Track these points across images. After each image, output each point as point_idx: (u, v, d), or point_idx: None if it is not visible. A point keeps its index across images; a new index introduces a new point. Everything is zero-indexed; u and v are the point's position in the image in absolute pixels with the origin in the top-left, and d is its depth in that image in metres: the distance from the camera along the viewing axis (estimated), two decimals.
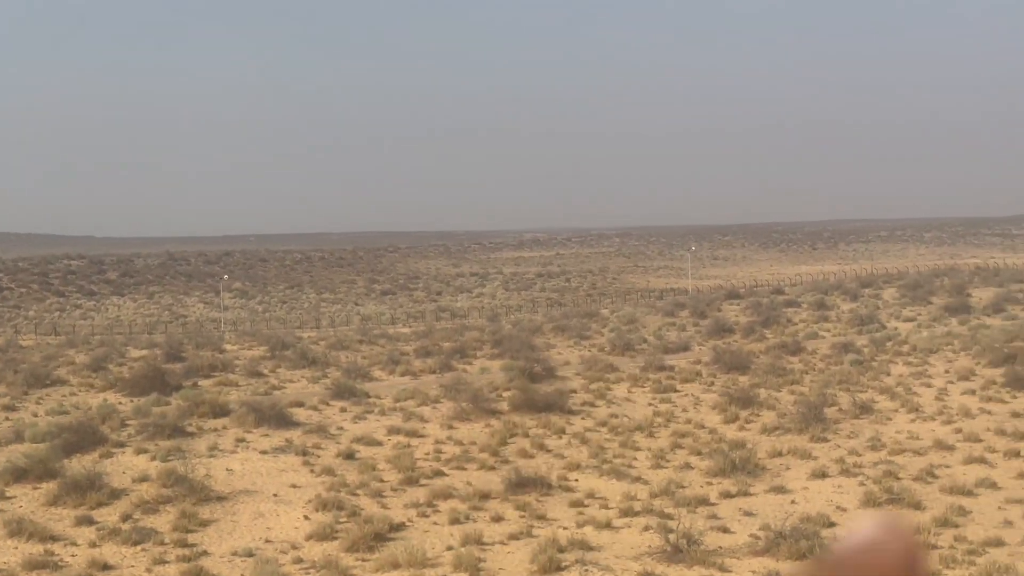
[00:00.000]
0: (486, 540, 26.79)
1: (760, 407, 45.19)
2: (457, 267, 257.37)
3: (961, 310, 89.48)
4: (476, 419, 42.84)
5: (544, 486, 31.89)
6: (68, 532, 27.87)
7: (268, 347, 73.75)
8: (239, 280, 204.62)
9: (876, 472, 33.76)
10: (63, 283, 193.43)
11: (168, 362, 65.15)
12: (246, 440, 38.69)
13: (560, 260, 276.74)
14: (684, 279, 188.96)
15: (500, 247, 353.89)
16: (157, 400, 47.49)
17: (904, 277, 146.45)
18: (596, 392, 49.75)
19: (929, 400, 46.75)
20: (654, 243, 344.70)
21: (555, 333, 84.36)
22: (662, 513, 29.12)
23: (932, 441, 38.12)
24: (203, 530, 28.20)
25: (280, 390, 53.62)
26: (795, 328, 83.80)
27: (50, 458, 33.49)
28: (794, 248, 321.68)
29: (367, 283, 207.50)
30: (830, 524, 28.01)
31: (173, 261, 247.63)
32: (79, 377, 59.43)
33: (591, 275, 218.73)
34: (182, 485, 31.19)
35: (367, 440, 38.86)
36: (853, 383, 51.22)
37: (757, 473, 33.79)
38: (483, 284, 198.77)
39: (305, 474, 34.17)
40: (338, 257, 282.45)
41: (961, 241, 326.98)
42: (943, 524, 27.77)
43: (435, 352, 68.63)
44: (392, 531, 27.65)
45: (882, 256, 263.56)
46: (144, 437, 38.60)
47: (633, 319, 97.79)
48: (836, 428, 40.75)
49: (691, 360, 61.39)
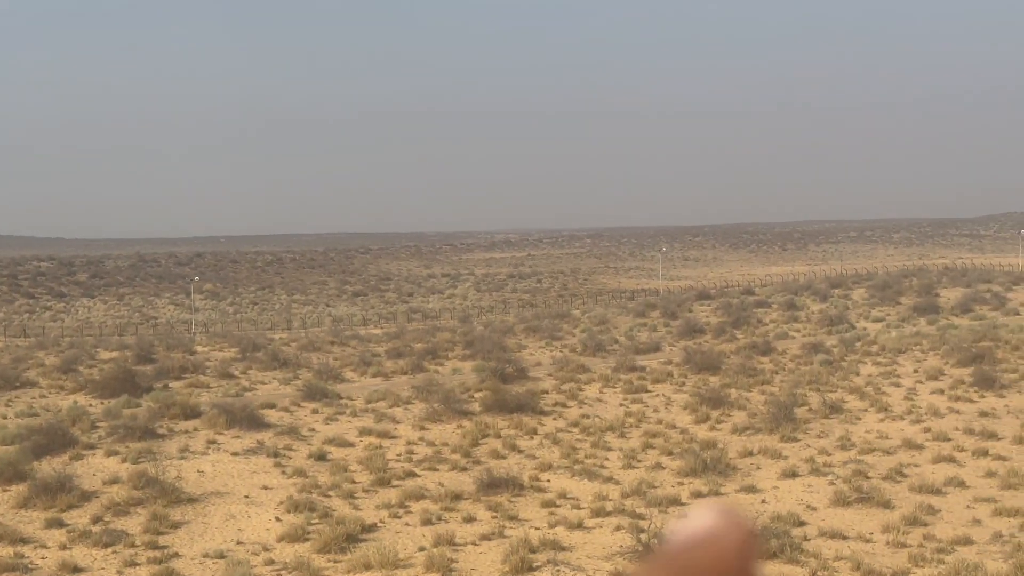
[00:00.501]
0: (458, 541, 26.83)
1: (731, 407, 45.40)
2: (428, 268, 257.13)
3: (930, 310, 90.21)
4: (448, 420, 42.86)
5: (516, 487, 31.95)
6: (38, 534, 27.73)
7: (239, 349, 73.52)
8: (210, 281, 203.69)
9: (846, 471, 33.99)
10: (32, 284, 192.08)
11: (139, 364, 64.82)
12: (217, 442, 38.58)
13: (532, 261, 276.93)
14: (655, 280, 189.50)
15: (472, 248, 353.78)
16: (128, 402, 47.27)
17: (873, 278, 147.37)
18: (568, 393, 49.83)
19: (898, 400, 47.09)
20: (625, 244, 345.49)
21: (527, 334, 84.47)
22: (634, 513, 29.24)
23: (901, 440, 38.43)
24: (174, 532, 28.11)
25: (251, 392, 53.45)
26: (765, 328, 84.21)
27: (20, 460, 33.30)
28: (764, 249, 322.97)
29: (338, 284, 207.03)
30: (800, 523, 28.20)
31: (143, 263, 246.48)
32: (49, 379, 59.06)
33: (563, 276, 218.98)
34: (153, 487, 31.08)
35: (339, 441, 38.81)
36: (823, 383, 51.54)
37: (728, 473, 33.97)
38: (455, 285, 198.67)
39: (277, 475, 34.10)
40: (309, 258, 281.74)
41: (929, 242, 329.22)
42: (912, 523, 28.00)
43: (407, 353, 68.58)
44: (364, 532, 27.65)
45: (851, 257, 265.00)
46: (115, 439, 38.43)
47: (604, 320, 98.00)
48: (806, 428, 41.00)
49: (662, 361, 61.59)
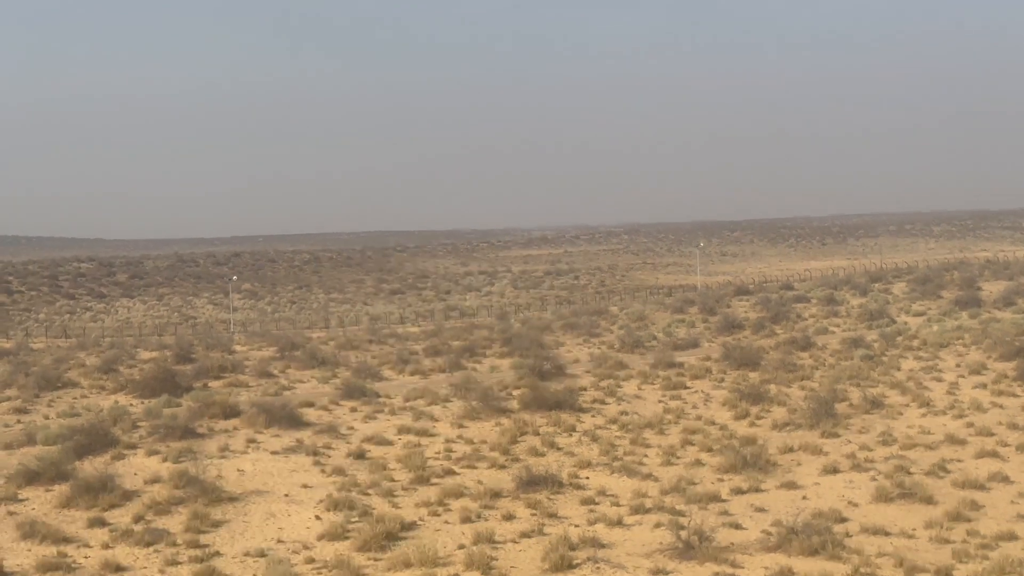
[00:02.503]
0: (498, 539, 26.79)
1: (770, 403, 45.12)
2: (466, 266, 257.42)
3: (971, 304, 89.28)
4: (486, 418, 42.84)
5: (555, 484, 31.86)
6: (81, 534, 27.93)
7: (278, 348, 73.90)
8: (248, 281, 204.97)
9: (888, 467, 33.68)
10: (73, 286, 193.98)
11: (178, 363, 65.30)
12: (257, 441, 38.75)
13: (569, 258, 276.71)
14: (693, 276, 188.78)
15: (509, 245, 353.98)
16: (168, 402, 47.57)
17: (914, 271, 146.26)
18: (606, 389, 49.72)
19: (940, 394, 46.65)
20: (663, 240, 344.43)
21: (564, 331, 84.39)
22: (673, 510, 29.09)
23: (944, 435, 38.04)
24: (215, 531, 28.24)
25: (290, 390, 53.67)
26: (805, 324, 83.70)
27: (62, 460, 33.56)
28: (803, 243, 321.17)
29: (376, 283, 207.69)
30: (842, 519, 27.95)
31: (182, 263, 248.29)
32: (90, 379, 59.58)
33: (600, 272, 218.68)
34: (194, 486, 31.24)
35: (377, 440, 38.88)
36: (864, 378, 51.15)
37: (768, 469, 33.74)
38: (492, 282, 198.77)
39: (316, 474, 34.20)
40: (347, 257, 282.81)
41: (971, 235, 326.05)
42: (956, 519, 27.70)
43: (444, 351, 68.68)
44: (404, 530, 27.65)
45: (891, 251, 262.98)
46: (155, 439, 38.67)
47: (642, 316, 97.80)
48: (847, 423, 40.68)
49: (701, 357, 61.33)
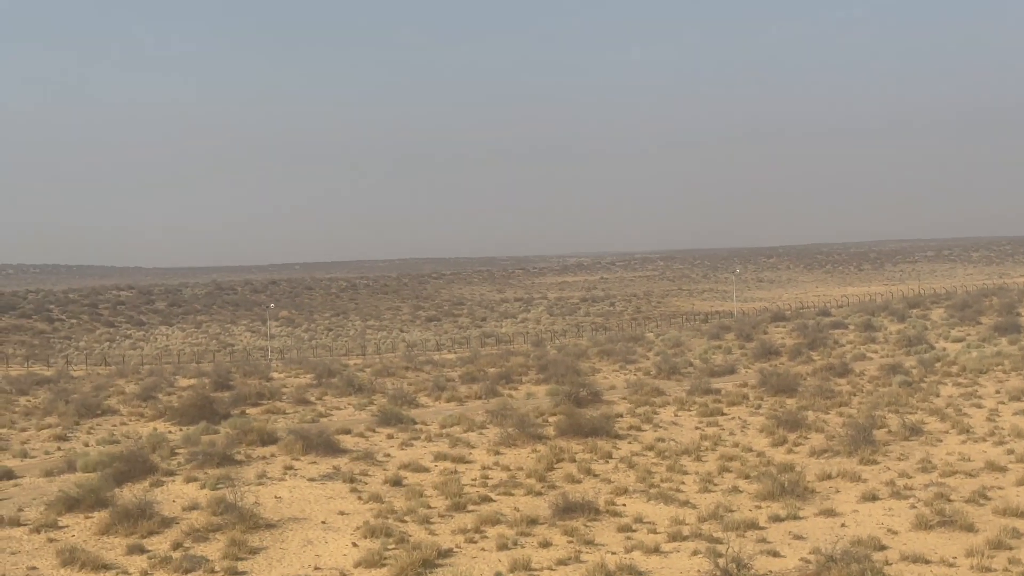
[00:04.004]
0: (534, 566, 26.75)
1: (808, 430, 44.86)
2: (501, 292, 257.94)
3: (1011, 330, 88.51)
4: (522, 444, 42.84)
5: (592, 511, 31.81)
6: (120, 561, 28.11)
7: (315, 375, 74.29)
8: (285, 308, 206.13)
9: (927, 494, 33.39)
10: (112, 313, 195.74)
11: (216, 391, 65.76)
12: (294, 467, 38.92)
13: (604, 284, 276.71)
14: (729, 302, 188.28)
15: (544, 272, 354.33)
16: (206, 429, 47.90)
17: (952, 297, 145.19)
18: (642, 416, 49.61)
19: (980, 421, 46.23)
20: (698, 266, 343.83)
21: (600, 357, 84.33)
22: (711, 537, 28.95)
23: (984, 462, 37.67)
24: (253, 558, 28.35)
25: (327, 417, 53.89)
26: (842, 350, 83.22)
27: (101, 487, 33.82)
28: (840, 269, 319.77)
29: (412, 310, 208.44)
30: (881, 547, 27.73)
31: (220, 290, 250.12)
32: (129, 407, 60.09)
33: (635, 299, 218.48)
34: (231, 513, 31.39)
35: (414, 466, 38.95)
36: (902, 405, 50.78)
37: (806, 496, 33.53)
38: (527, 309, 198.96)
39: (353, 501, 34.29)
40: (383, 284, 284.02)
41: (1010, 260, 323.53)
42: (997, 547, 27.40)
43: (480, 378, 68.79)
44: (440, 557, 27.66)
45: (929, 276, 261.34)
46: (193, 465, 38.92)
47: (679, 342, 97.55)
48: (886, 450, 40.37)
49: (738, 383, 61.10)
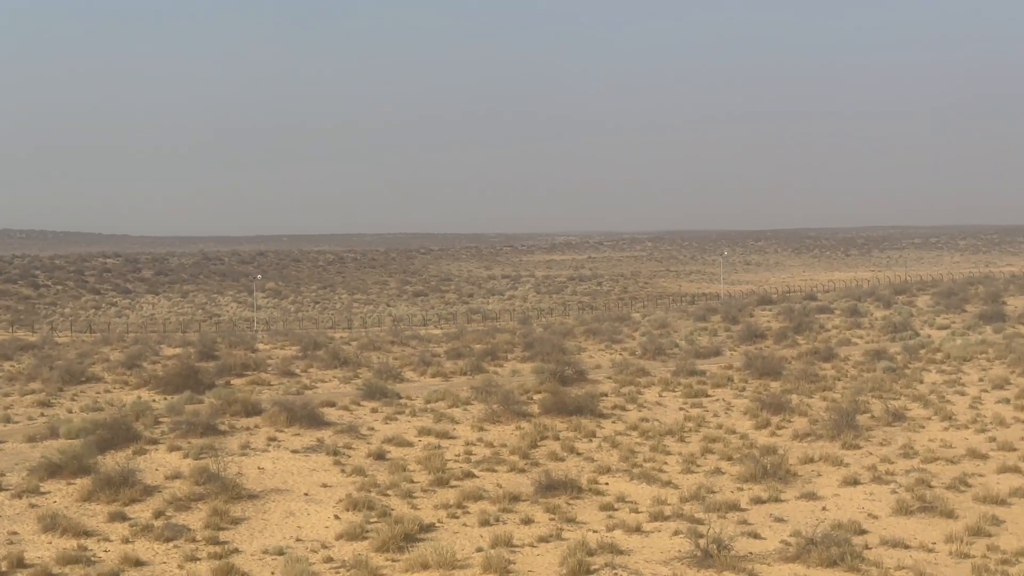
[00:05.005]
0: (516, 542, 26.81)
1: (792, 413, 44.98)
2: (489, 269, 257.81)
3: (996, 318, 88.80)
4: (507, 421, 42.88)
5: (574, 489, 31.87)
6: (101, 528, 28.10)
7: (300, 347, 74.19)
8: (272, 280, 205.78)
9: (908, 480, 33.54)
10: (99, 281, 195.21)
11: (201, 360, 65.62)
12: (278, 439, 38.90)
13: (592, 263, 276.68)
14: (716, 284, 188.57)
15: (532, 250, 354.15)
16: (190, 398, 47.78)
17: (938, 284, 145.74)
18: (627, 396, 49.67)
19: (963, 408, 46.41)
20: (686, 247, 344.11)
21: (586, 336, 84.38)
22: (692, 518, 29.05)
23: (965, 450, 37.84)
24: (234, 528, 28.35)
25: (312, 390, 53.86)
26: (828, 334, 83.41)
27: (84, 454, 33.73)
28: (827, 254, 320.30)
29: (399, 284, 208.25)
30: (861, 531, 27.85)
31: (207, 260, 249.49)
32: (113, 374, 59.95)
33: (623, 279, 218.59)
34: (214, 483, 31.37)
35: (398, 441, 38.97)
36: (886, 390, 50.93)
37: (788, 479, 33.64)
38: (515, 287, 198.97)
39: (336, 474, 34.30)
40: (370, 258, 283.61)
41: (996, 249, 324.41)
42: (976, 533, 27.56)
43: (466, 354, 68.75)
44: (422, 532, 27.71)
45: (916, 263, 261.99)
46: (177, 435, 38.85)
47: (665, 323, 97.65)
48: (868, 435, 40.52)
49: (723, 365, 61.20)
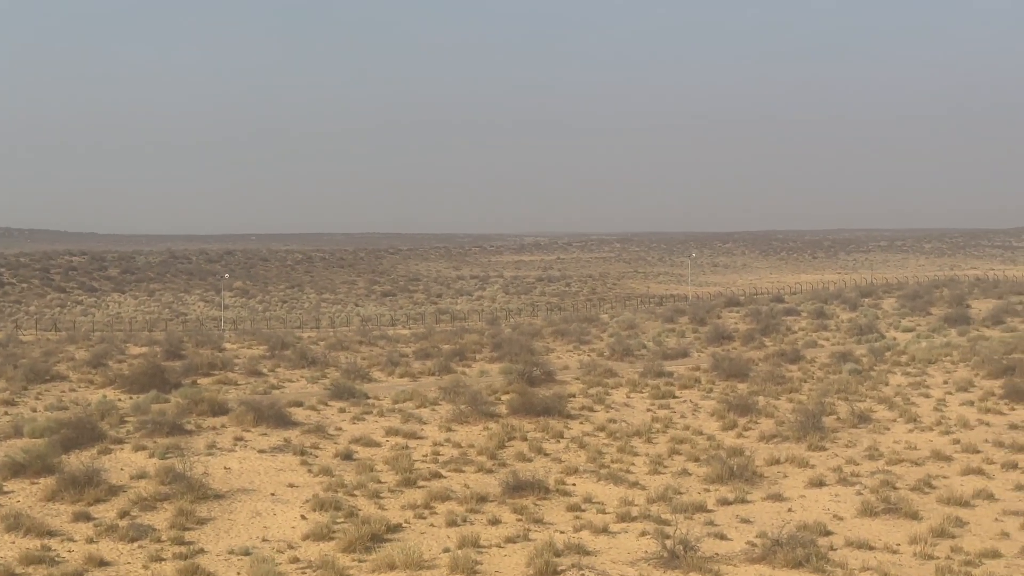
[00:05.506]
0: (483, 543, 26.80)
1: (758, 415, 45.21)
2: (458, 270, 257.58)
3: (960, 321, 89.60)
4: (474, 422, 42.87)
5: (542, 490, 31.89)
6: (65, 528, 27.89)
7: (268, 346, 73.87)
8: (240, 279, 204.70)
9: (873, 481, 33.77)
10: (64, 279, 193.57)
11: (168, 360, 65.24)
12: (244, 439, 38.74)
13: (561, 264, 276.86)
14: (684, 285, 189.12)
15: (501, 250, 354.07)
16: (156, 397, 47.51)
17: (904, 287, 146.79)
18: (595, 397, 49.77)
19: (927, 411, 46.78)
20: (655, 249, 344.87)
21: (555, 337, 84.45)
22: (659, 519, 29.13)
23: (930, 452, 38.16)
24: (200, 528, 28.21)
25: (279, 389, 53.65)
26: (794, 336, 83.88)
27: (48, 453, 33.49)
28: (794, 257, 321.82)
29: (367, 284, 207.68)
30: (827, 533, 28.01)
31: (174, 259, 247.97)
32: (79, 373, 59.47)
33: (591, 280, 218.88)
34: (180, 483, 31.20)
35: (365, 441, 38.89)
36: (851, 392, 51.26)
37: (755, 480, 33.81)
38: (483, 287, 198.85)
39: (303, 474, 34.19)
40: (339, 258, 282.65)
41: (961, 252, 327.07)
42: (940, 535, 27.77)
43: (434, 354, 68.70)
44: (389, 532, 27.65)
45: (882, 266, 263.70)
46: (143, 434, 38.63)
47: (633, 324, 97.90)
48: (834, 437, 40.78)
49: (690, 367, 61.43)
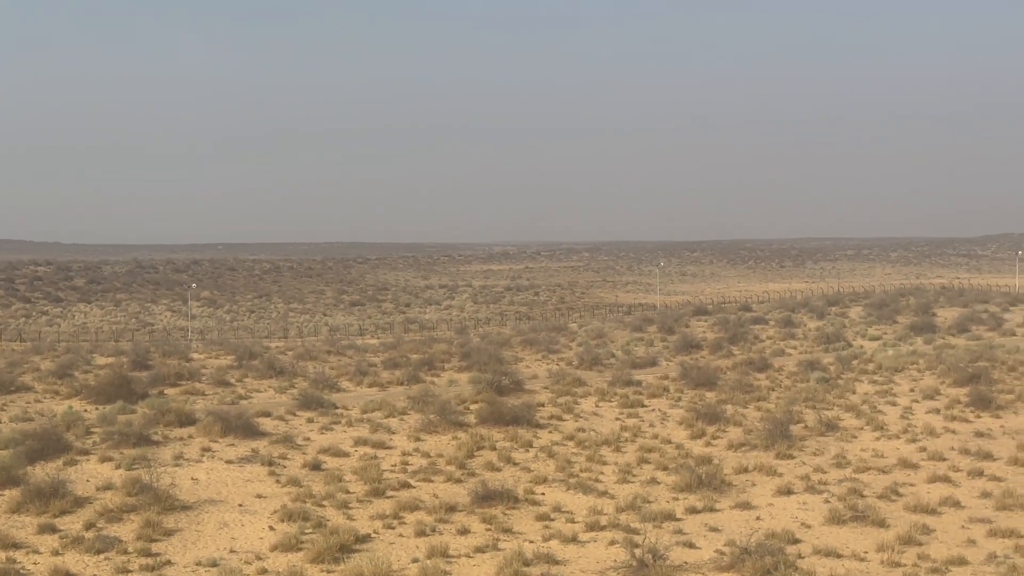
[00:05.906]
0: (452, 553, 26.76)
1: (727, 423, 45.36)
2: (426, 279, 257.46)
3: (926, 329, 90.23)
4: (443, 431, 42.81)
5: (510, 499, 31.88)
6: (30, 540, 27.63)
7: (235, 356, 73.50)
8: (207, 289, 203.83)
9: (841, 489, 33.94)
10: (29, 289, 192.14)
11: (134, 370, 64.74)
12: (212, 449, 38.52)
13: (529, 274, 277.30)
14: (652, 294, 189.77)
15: (470, 260, 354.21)
16: (123, 408, 47.17)
17: (870, 296, 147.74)
18: (564, 406, 49.79)
19: (894, 418, 47.06)
20: (623, 258, 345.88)
21: (523, 346, 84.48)
22: (628, 528, 29.17)
23: (896, 459, 38.39)
24: (167, 539, 28.02)
25: (247, 400, 53.37)
26: (762, 345, 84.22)
27: (13, 465, 33.20)
28: (762, 265, 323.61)
29: (336, 294, 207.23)
30: (795, 541, 28.10)
31: (141, 269, 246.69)
32: (44, 384, 58.94)
33: (560, 289, 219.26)
34: (147, 494, 30.99)
35: (334, 451, 38.75)
36: (819, 400, 51.51)
37: (723, 489, 33.91)
38: (452, 296, 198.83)
39: (271, 484, 34.03)
40: (307, 267, 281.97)
41: (927, 261, 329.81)
42: (907, 542, 27.92)
43: (403, 364, 68.56)
44: (358, 543, 27.56)
45: (849, 275, 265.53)
46: (109, 445, 38.34)
47: (601, 333, 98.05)
48: (802, 445, 40.95)
49: (659, 375, 61.56)
